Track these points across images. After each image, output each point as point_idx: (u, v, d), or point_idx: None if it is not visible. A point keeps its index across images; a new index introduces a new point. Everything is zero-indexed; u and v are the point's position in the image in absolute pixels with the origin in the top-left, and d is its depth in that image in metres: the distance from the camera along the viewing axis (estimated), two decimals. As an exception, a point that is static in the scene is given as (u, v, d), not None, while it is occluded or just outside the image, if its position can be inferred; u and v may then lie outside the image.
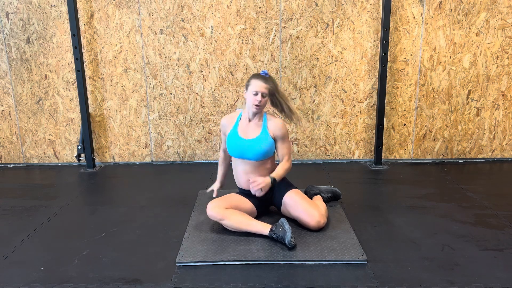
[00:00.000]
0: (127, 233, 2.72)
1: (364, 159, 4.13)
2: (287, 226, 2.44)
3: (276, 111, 2.79)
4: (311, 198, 2.92)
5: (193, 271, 2.26)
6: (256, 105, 2.59)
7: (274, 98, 2.68)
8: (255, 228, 2.53)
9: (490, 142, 4.03)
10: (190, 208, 3.04)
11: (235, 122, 2.73)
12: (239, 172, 2.75)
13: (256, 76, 2.63)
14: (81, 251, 2.50)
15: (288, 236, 2.39)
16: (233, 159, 2.77)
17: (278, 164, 2.76)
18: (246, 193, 2.76)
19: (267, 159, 2.70)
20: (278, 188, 2.73)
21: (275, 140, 2.68)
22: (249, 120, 2.69)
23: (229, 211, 2.57)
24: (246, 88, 2.63)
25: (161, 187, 3.54)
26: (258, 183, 2.54)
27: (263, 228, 2.53)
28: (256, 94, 2.57)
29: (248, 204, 2.71)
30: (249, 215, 2.64)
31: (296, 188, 2.76)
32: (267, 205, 2.82)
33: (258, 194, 2.57)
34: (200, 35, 3.87)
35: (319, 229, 2.60)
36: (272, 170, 2.74)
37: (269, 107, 2.76)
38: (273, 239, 2.48)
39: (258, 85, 2.58)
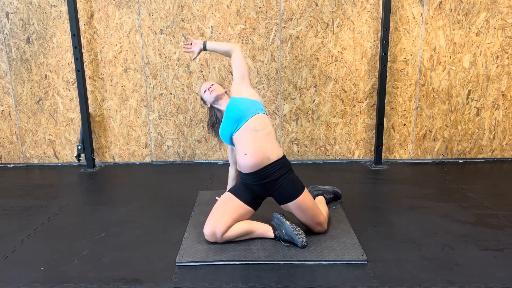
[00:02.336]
0: (127, 233, 2.72)
1: (364, 159, 4.13)
2: (290, 230, 2.42)
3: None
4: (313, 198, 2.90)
5: (193, 271, 2.26)
6: (215, 97, 2.71)
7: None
8: (258, 234, 2.52)
9: (490, 142, 4.03)
10: (190, 208, 3.04)
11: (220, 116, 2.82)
12: (239, 151, 2.57)
13: (202, 90, 2.82)
14: (81, 251, 2.50)
15: (299, 241, 2.40)
16: (234, 148, 2.67)
17: (279, 149, 2.67)
18: (245, 183, 2.60)
19: (254, 116, 2.54)
20: (287, 186, 2.53)
21: (239, 82, 2.71)
22: (219, 112, 2.80)
23: (229, 235, 2.46)
24: (204, 102, 2.85)
25: (161, 187, 3.55)
26: (189, 45, 2.85)
27: (266, 231, 2.52)
28: (205, 91, 2.76)
29: (243, 209, 2.54)
30: (249, 223, 2.54)
31: (305, 188, 2.58)
32: (264, 197, 2.65)
33: (187, 49, 2.87)
34: (200, 35, 3.87)
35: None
36: (276, 154, 2.53)
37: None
38: (281, 242, 2.47)
39: (203, 88, 2.79)
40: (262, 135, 2.53)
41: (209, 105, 2.83)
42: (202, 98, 2.85)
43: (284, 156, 2.58)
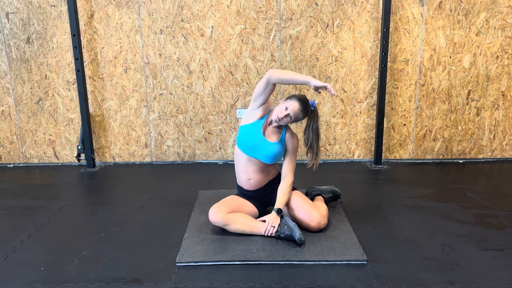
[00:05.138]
0: (127, 233, 2.72)
1: (364, 159, 4.13)
2: (292, 223, 2.46)
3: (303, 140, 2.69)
4: (312, 199, 2.93)
5: (193, 271, 2.26)
6: (278, 118, 2.54)
7: (307, 130, 2.61)
8: (261, 230, 2.53)
9: (490, 142, 4.03)
10: (190, 208, 3.04)
11: (265, 116, 2.67)
12: (240, 170, 2.72)
13: (301, 99, 2.55)
14: (81, 251, 2.50)
15: (297, 233, 2.41)
16: (236, 155, 2.72)
17: (280, 168, 2.77)
18: (245, 194, 2.76)
19: (272, 164, 2.71)
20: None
21: (285, 150, 2.69)
22: (270, 123, 2.66)
23: (232, 215, 2.56)
24: (285, 99, 2.59)
25: (161, 187, 3.55)
26: (269, 225, 2.50)
27: None
28: (286, 109, 2.52)
29: (249, 206, 2.70)
30: (251, 217, 2.64)
31: (296, 189, 2.76)
32: (266, 205, 2.82)
33: (272, 231, 2.51)
34: (200, 35, 3.87)
35: (320, 230, 2.60)
36: (273, 174, 2.75)
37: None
38: (280, 238, 2.49)
39: (294, 106, 2.52)
40: (269, 167, 2.73)
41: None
42: (287, 98, 2.60)
43: (279, 172, 2.79)
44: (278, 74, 2.49)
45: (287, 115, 2.53)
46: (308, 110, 2.57)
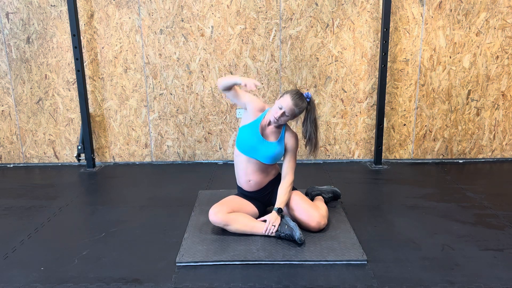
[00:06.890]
0: (127, 233, 2.72)
1: (364, 159, 4.13)
2: (292, 224, 2.47)
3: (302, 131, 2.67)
4: (312, 199, 2.93)
5: (193, 271, 2.26)
6: (275, 118, 2.52)
7: (305, 122, 2.58)
8: (261, 230, 2.54)
9: (490, 142, 4.03)
10: (190, 208, 3.04)
11: (261, 115, 2.65)
12: (240, 171, 2.73)
13: (293, 94, 2.50)
14: (81, 251, 2.50)
15: (297, 233, 2.42)
16: (236, 156, 2.72)
17: (280, 169, 2.77)
18: (245, 194, 2.77)
19: (271, 164, 2.71)
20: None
21: (285, 150, 2.68)
22: (269, 123, 2.63)
23: (232, 215, 2.56)
24: (279, 97, 2.55)
25: (161, 187, 3.55)
26: (270, 224, 2.51)
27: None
28: (281, 108, 2.50)
29: (249, 206, 2.70)
30: (252, 217, 2.64)
31: (296, 189, 2.76)
32: (266, 205, 2.82)
33: (273, 230, 2.52)
34: (200, 35, 3.87)
35: (320, 230, 2.60)
36: (273, 175, 2.75)
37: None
38: (281, 238, 2.50)
39: (287, 103, 2.48)
40: (269, 168, 2.72)
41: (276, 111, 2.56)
42: (280, 96, 2.57)
43: (279, 172, 2.78)
44: (220, 82, 2.58)
45: (283, 114, 2.51)
46: (303, 104, 2.53)
